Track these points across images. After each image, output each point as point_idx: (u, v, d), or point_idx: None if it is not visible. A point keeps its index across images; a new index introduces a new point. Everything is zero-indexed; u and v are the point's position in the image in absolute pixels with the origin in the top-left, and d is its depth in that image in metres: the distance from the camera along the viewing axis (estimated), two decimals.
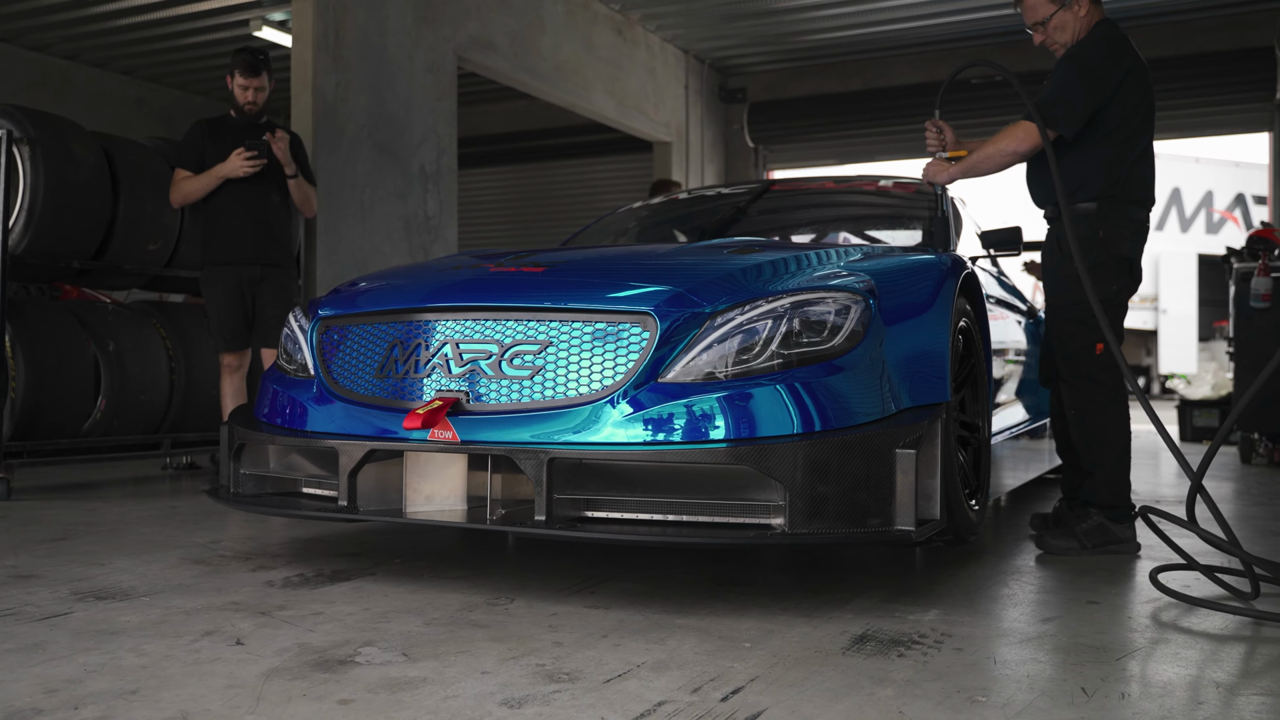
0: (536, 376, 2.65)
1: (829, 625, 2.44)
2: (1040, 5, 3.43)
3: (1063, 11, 3.40)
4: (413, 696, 1.91)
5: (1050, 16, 3.42)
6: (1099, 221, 3.34)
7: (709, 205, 4.71)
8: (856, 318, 2.64)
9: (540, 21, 8.39)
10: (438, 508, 2.76)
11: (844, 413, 2.54)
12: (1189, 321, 18.12)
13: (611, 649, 2.23)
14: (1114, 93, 3.31)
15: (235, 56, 4.83)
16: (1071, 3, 3.39)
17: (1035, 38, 3.50)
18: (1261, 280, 6.23)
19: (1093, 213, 3.34)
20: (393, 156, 6.81)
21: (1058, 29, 3.43)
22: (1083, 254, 3.21)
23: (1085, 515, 3.39)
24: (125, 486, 5.16)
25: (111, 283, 5.65)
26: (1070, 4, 3.39)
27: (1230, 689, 2.03)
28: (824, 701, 1.90)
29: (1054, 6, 3.40)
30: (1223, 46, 9.44)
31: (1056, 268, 3.43)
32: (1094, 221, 3.34)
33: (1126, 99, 3.34)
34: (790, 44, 10.50)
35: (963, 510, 2.89)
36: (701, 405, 2.51)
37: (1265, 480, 5.74)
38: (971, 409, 3.24)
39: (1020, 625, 2.49)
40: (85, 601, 2.63)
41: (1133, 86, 3.34)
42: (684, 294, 2.66)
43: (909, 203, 4.34)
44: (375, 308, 2.97)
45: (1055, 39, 3.45)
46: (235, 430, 3.13)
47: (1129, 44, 3.37)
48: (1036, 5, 3.44)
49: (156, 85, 11.63)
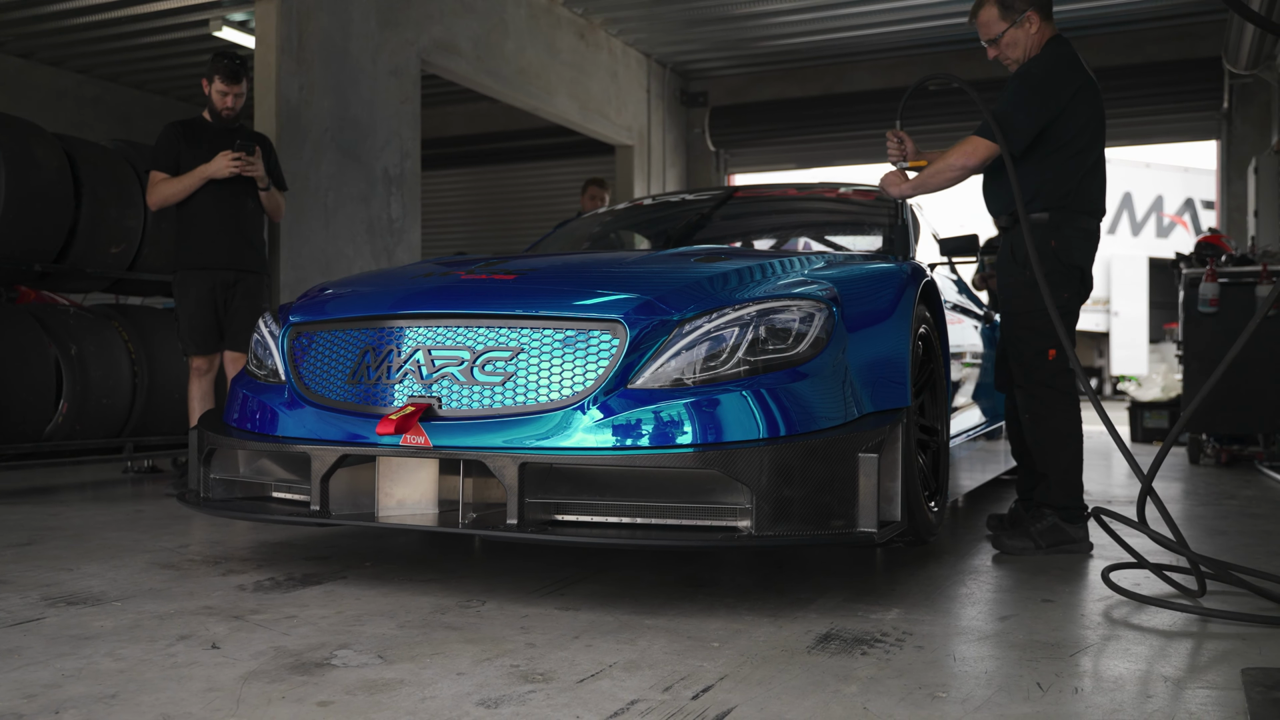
0: (508, 383, 2.69)
1: (794, 625, 2.50)
2: (993, 22, 3.52)
3: (1014, 29, 3.50)
4: (390, 698, 1.95)
5: (1003, 33, 3.51)
6: (1051, 231, 3.44)
7: (674, 212, 4.77)
8: (820, 325, 2.71)
9: (503, 25, 8.42)
10: (410, 512, 2.79)
11: (808, 418, 2.61)
12: (1140, 324, 18.46)
13: (584, 649, 2.28)
14: (1064, 108, 3.42)
15: (215, 61, 4.80)
16: (1023, 20, 3.49)
17: (989, 53, 3.59)
18: (1209, 285, 6.40)
19: (1045, 223, 3.44)
20: (356, 160, 6.81)
21: (1010, 45, 3.52)
22: (1039, 262, 3.31)
23: (1040, 516, 3.49)
24: (87, 490, 5.13)
25: (73, 286, 5.62)
26: (1022, 21, 3.49)
27: (1178, 683, 2.12)
28: (791, 699, 1.96)
29: (1006, 24, 3.49)
30: (1172, 56, 9.66)
31: (1011, 275, 3.53)
32: (1046, 231, 3.44)
33: (1077, 114, 3.44)
34: (751, 49, 10.60)
35: (923, 511, 2.97)
36: (670, 411, 2.57)
37: (1212, 481, 5.90)
38: (931, 413, 3.33)
39: (978, 623, 2.57)
40: (57, 607, 2.64)
41: (1083, 102, 3.44)
42: (653, 302, 2.72)
43: (869, 210, 4.43)
44: (347, 314, 3.01)
45: (1008, 55, 3.54)
46: (205, 435, 3.14)
47: (1080, 61, 3.47)
48: (990, 22, 3.53)
49: (113, 84, 11.51)
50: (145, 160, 5.10)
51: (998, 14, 3.51)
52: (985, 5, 3.54)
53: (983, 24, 3.55)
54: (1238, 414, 6.41)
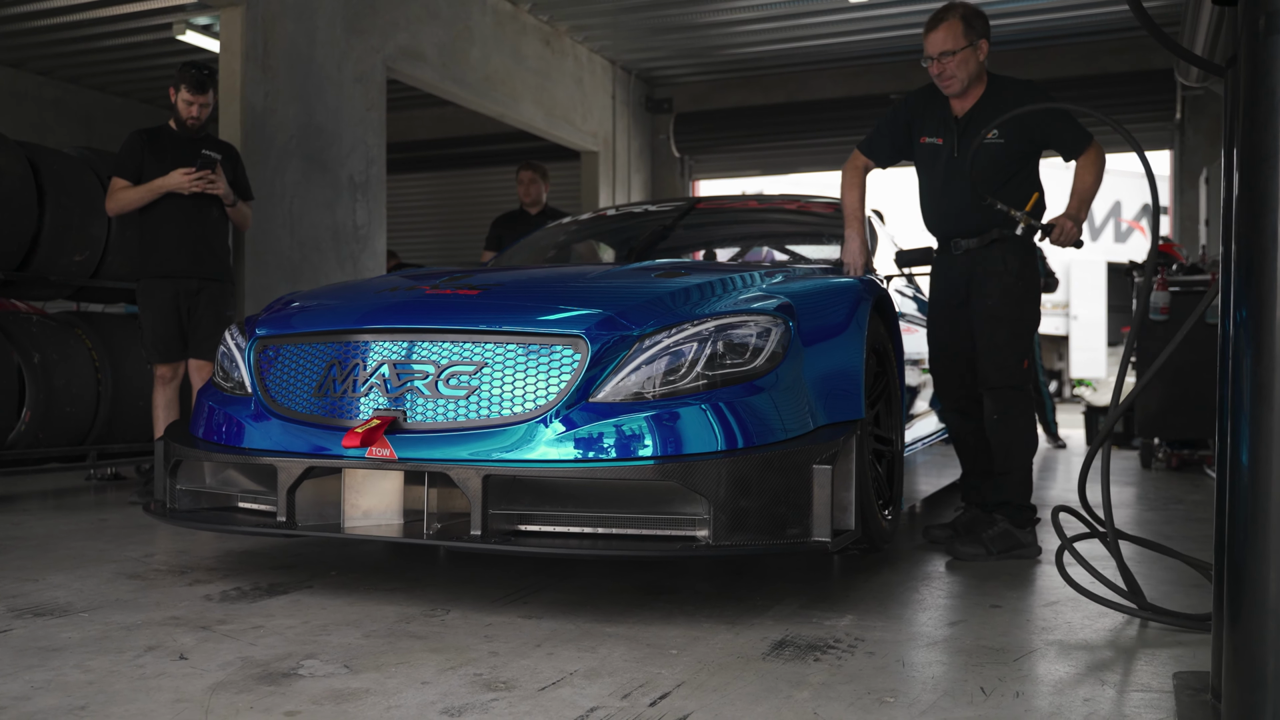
0: (472, 396, 2.75)
1: (751, 632, 2.58)
2: (957, 38, 3.57)
3: (969, 50, 3.59)
4: (356, 708, 2.01)
5: (959, 50, 3.57)
6: (1033, 245, 3.65)
7: (636, 222, 4.84)
8: (777, 340, 2.79)
9: (469, 32, 8.46)
10: (375, 522, 2.84)
11: (765, 430, 2.69)
12: (1098, 327, 18.76)
13: (545, 658, 2.34)
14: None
15: (182, 71, 4.81)
16: (978, 44, 3.60)
17: (932, 67, 3.62)
18: (1160, 294, 6.54)
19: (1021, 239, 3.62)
20: (321, 167, 6.83)
21: (961, 64, 3.59)
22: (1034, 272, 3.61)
23: (991, 522, 3.60)
24: (50, 499, 5.12)
25: (36, 294, 5.60)
26: (977, 45, 3.59)
27: (1115, 686, 2.21)
28: (745, 705, 2.04)
29: (965, 43, 3.58)
30: (1126, 68, 9.86)
31: (1003, 283, 3.61)
32: (1022, 247, 3.62)
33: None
34: (715, 57, 10.70)
35: (876, 520, 3.06)
36: (630, 424, 2.64)
37: (1162, 485, 6.05)
38: (886, 423, 3.42)
39: (928, 629, 2.66)
40: (24, 618, 2.66)
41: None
42: (614, 317, 2.79)
43: (829, 221, 4.52)
44: (314, 328, 3.05)
45: (954, 73, 3.59)
46: (172, 446, 3.18)
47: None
48: (953, 37, 3.58)
49: (75, 87, 11.41)
50: (110, 167, 5.09)
51: (961, 31, 3.58)
52: (952, 20, 3.60)
53: (944, 37, 3.58)
54: (1188, 419, 6.57)
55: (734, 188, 12.96)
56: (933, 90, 3.74)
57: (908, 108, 3.81)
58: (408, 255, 10.99)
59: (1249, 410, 1.65)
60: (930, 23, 3.65)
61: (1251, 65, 1.67)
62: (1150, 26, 2.16)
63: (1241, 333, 1.69)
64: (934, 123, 3.73)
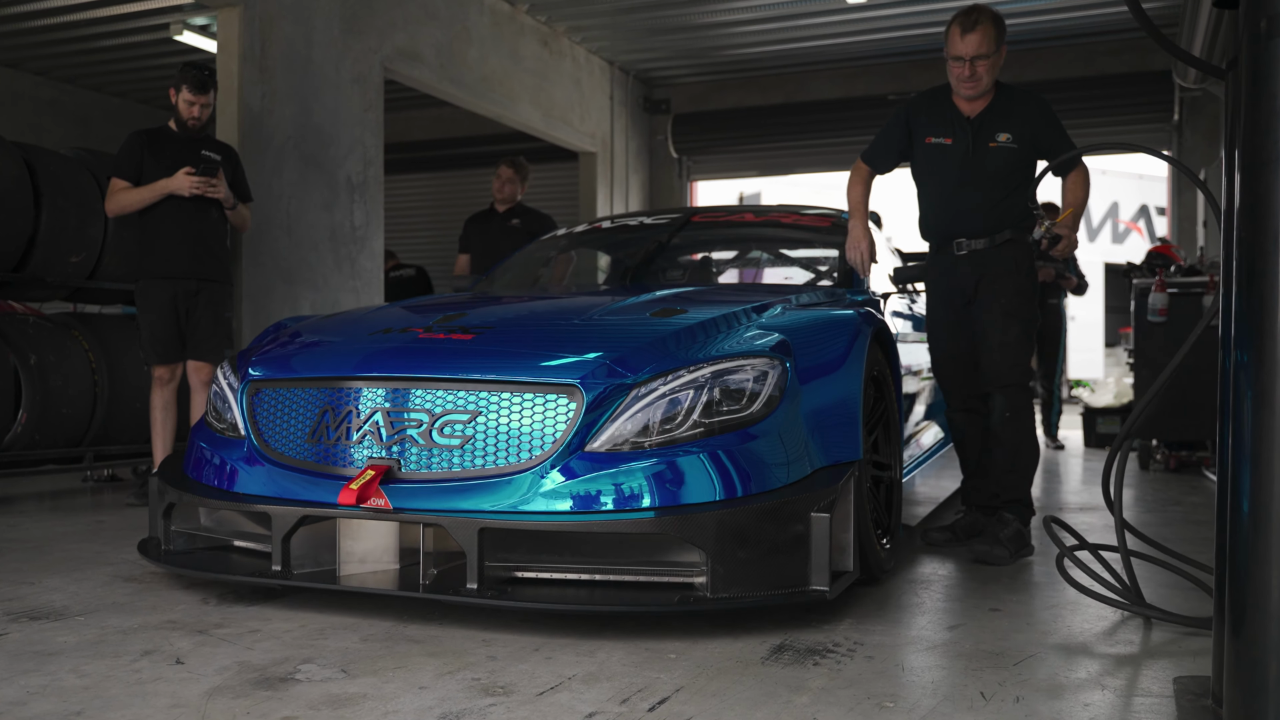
0: (466, 446, 2.72)
1: (749, 636, 2.57)
2: (992, 41, 3.62)
3: (996, 56, 3.65)
4: (354, 713, 2.00)
5: (990, 54, 3.62)
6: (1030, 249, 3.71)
7: (632, 235, 4.82)
8: (774, 383, 2.77)
9: (467, 33, 8.45)
10: (371, 568, 2.82)
11: (763, 477, 2.67)
12: (1096, 328, 18.77)
13: (543, 662, 2.34)
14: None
15: (183, 71, 4.79)
16: (1001, 49, 3.66)
17: (963, 70, 3.62)
18: (1158, 296, 6.54)
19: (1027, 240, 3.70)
20: (319, 168, 6.81)
21: (990, 68, 3.65)
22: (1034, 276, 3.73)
23: (1003, 522, 3.62)
24: (46, 501, 5.11)
25: (32, 295, 5.59)
26: (1001, 50, 3.66)
27: (1119, 691, 2.21)
28: (744, 709, 2.03)
29: (996, 46, 3.64)
30: (1124, 69, 9.85)
31: (1016, 282, 3.68)
32: (1029, 248, 3.70)
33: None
34: (713, 58, 10.70)
35: (875, 552, 3.03)
36: (627, 474, 2.61)
37: (1160, 487, 6.04)
38: (884, 450, 3.40)
39: (927, 633, 2.65)
40: (19, 622, 2.65)
41: None
42: (610, 365, 2.75)
43: (825, 235, 4.51)
44: (306, 374, 3.02)
45: (983, 75, 3.64)
46: (165, 489, 3.15)
47: None
48: (991, 40, 3.61)
49: (72, 87, 11.39)
50: (107, 168, 5.08)
51: (994, 35, 3.63)
52: (986, 24, 3.62)
53: (980, 40, 3.60)
54: (1186, 420, 6.56)
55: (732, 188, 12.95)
56: (936, 92, 3.78)
57: (908, 111, 3.86)
58: (406, 256, 10.96)
59: (1250, 415, 1.65)
60: (965, 25, 3.64)
61: (1253, 68, 1.67)
62: (1149, 28, 2.16)
63: (1242, 335, 1.68)
64: (941, 123, 3.75)
